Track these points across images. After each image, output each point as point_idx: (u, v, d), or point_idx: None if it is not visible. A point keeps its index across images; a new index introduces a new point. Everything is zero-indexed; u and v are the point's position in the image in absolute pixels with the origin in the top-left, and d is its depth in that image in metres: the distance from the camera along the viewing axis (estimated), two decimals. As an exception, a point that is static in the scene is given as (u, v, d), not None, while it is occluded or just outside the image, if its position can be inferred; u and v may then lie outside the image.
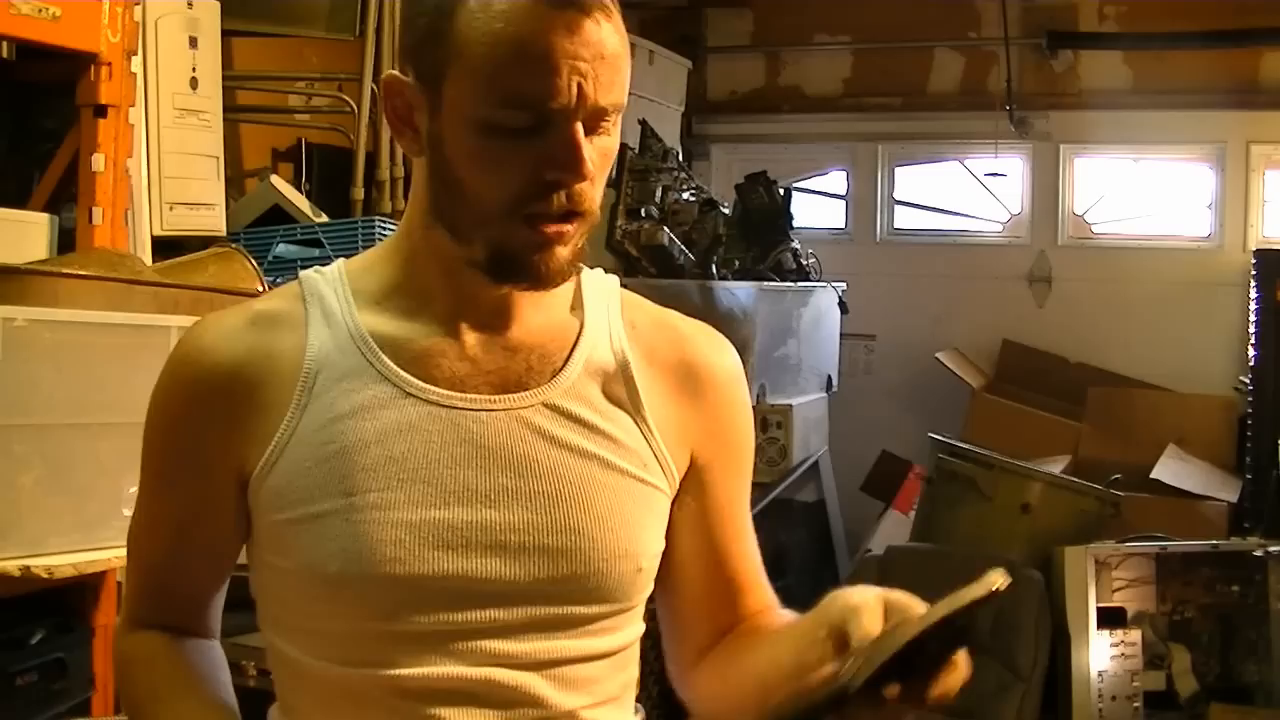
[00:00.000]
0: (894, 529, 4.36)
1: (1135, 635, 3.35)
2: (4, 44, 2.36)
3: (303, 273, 1.14)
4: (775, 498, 4.05)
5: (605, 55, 0.99)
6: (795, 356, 4.33)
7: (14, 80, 2.44)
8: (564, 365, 1.10)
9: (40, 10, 2.17)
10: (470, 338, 1.09)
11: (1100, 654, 3.33)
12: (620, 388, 1.12)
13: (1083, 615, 3.34)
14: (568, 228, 1.03)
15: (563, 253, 1.04)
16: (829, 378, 4.59)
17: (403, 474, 1.04)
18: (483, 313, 1.09)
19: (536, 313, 1.11)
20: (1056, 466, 4.17)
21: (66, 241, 2.36)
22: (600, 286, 1.18)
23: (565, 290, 1.14)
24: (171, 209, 2.69)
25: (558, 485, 1.06)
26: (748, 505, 1.22)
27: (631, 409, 1.12)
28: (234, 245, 2.63)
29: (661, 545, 1.14)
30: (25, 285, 1.97)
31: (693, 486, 1.16)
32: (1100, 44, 5.06)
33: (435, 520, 1.03)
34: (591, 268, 1.19)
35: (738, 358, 1.22)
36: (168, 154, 2.68)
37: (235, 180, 3.47)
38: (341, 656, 1.04)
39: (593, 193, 1.04)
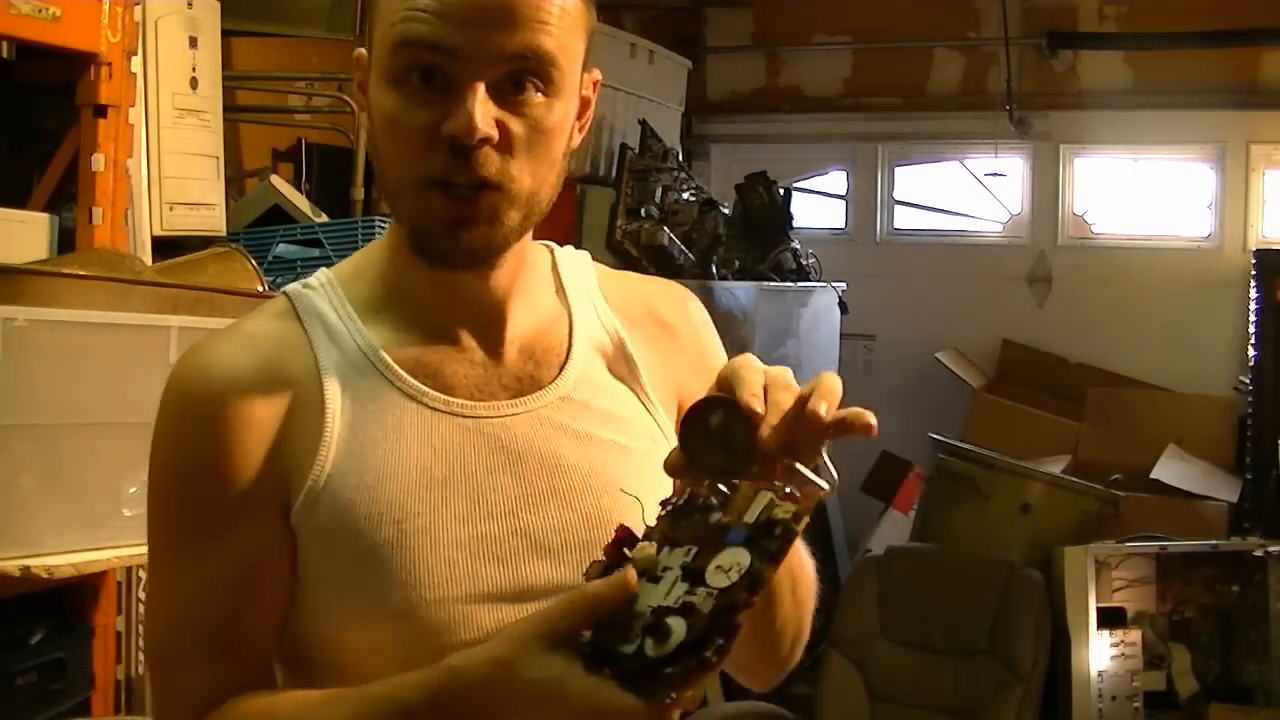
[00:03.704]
0: (894, 529, 4.36)
1: (1135, 635, 3.35)
2: (4, 44, 2.36)
3: (288, 288, 1.09)
4: (775, 498, 4.04)
5: (522, 2, 0.96)
6: (795, 356, 4.33)
7: (14, 80, 2.43)
8: (568, 355, 1.10)
9: (40, 10, 2.17)
10: (472, 342, 1.07)
11: (1100, 654, 3.33)
12: (620, 365, 1.12)
13: (1083, 615, 3.34)
14: (485, 202, 0.99)
15: (486, 230, 1.00)
16: (829, 378, 4.58)
17: (446, 492, 1.02)
18: (476, 314, 1.07)
19: (524, 305, 1.09)
20: (1056, 466, 4.17)
21: (66, 241, 2.36)
22: (575, 265, 1.17)
23: (544, 276, 1.13)
24: (171, 209, 2.68)
25: (586, 479, 1.06)
26: None
27: (632, 383, 1.12)
28: (234, 245, 2.63)
29: None
30: (25, 285, 1.97)
31: None
32: (1100, 44, 5.07)
33: (483, 534, 1.02)
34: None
35: (700, 304, 1.22)
36: (168, 154, 2.68)
37: (235, 180, 3.46)
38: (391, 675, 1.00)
39: (505, 163, 0.99)
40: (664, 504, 0.95)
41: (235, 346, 1.04)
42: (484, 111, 0.96)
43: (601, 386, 1.11)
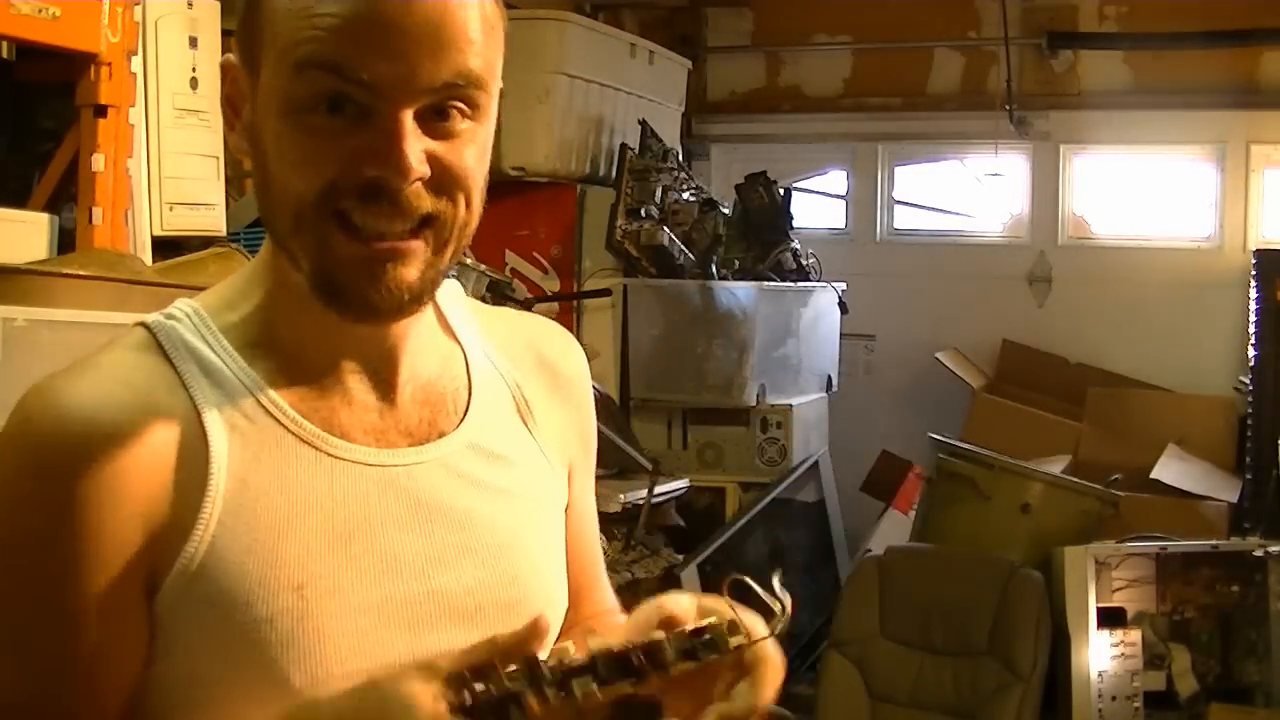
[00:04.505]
0: (894, 529, 4.36)
1: (1135, 635, 3.35)
2: (4, 44, 2.36)
3: (146, 319, 0.94)
4: (775, 498, 4.05)
5: (451, 24, 0.85)
6: (795, 356, 4.33)
7: (14, 80, 2.44)
8: (469, 399, 1.00)
9: (40, 10, 2.17)
10: (365, 385, 0.95)
11: (1100, 654, 3.33)
12: (519, 411, 1.04)
13: (1083, 615, 3.34)
14: (409, 243, 0.87)
15: (406, 274, 0.87)
16: (829, 378, 4.59)
17: (351, 550, 0.90)
18: (369, 354, 0.95)
19: (417, 345, 0.97)
20: (1056, 466, 4.17)
21: (66, 241, 2.36)
22: (454, 298, 1.05)
23: (429, 310, 1.00)
24: (171, 209, 2.68)
25: (496, 534, 0.97)
26: (594, 504, 1.16)
27: (532, 432, 1.04)
28: (234, 245, 2.63)
29: None
30: (25, 285, 1.97)
31: None
32: (1100, 44, 5.06)
33: (392, 597, 0.91)
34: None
35: (582, 350, 1.14)
36: (168, 154, 2.68)
37: (235, 180, 3.46)
38: None
39: (438, 199, 0.87)
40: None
41: (97, 383, 0.88)
42: (416, 148, 0.85)
43: (504, 435, 1.01)
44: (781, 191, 4.36)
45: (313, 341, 0.94)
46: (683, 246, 4.01)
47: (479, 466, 0.98)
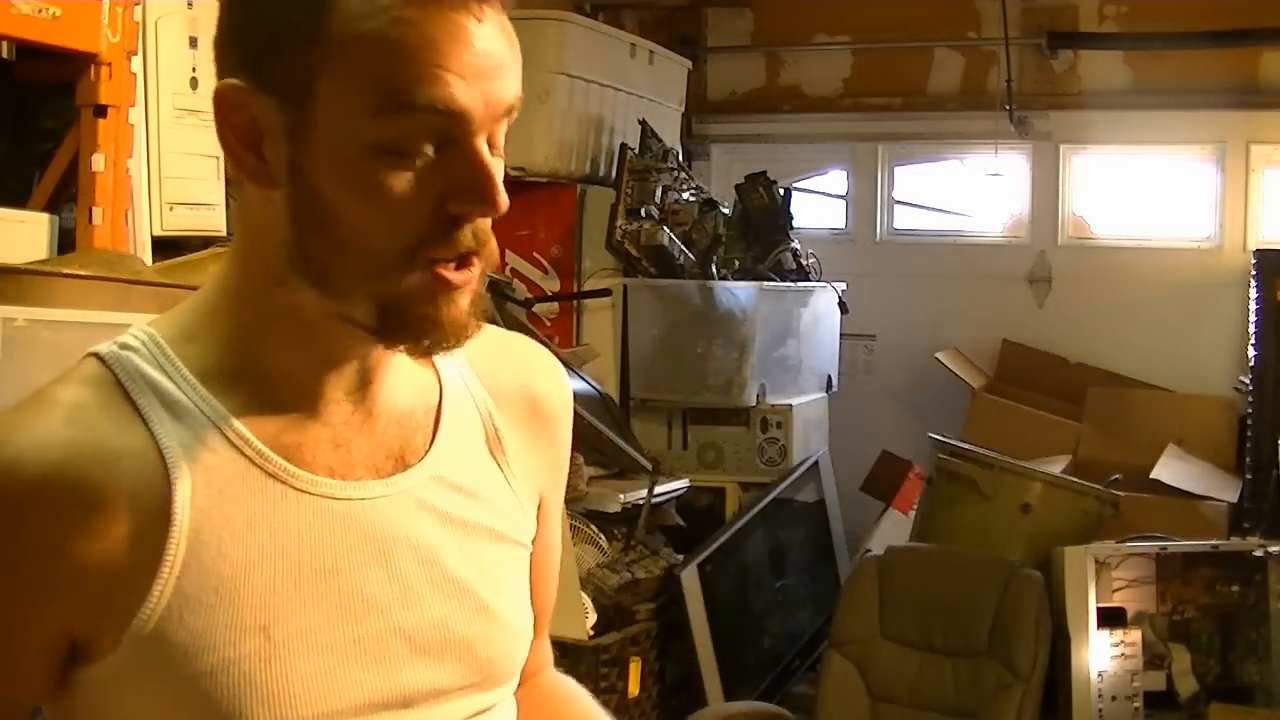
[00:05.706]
0: (894, 529, 4.36)
1: (1135, 635, 3.35)
2: (4, 44, 2.36)
3: (99, 350, 0.90)
4: (775, 498, 4.05)
5: (510, 50, 0.86)
6: (795, 356, 4.34)
7: (14, 80, 2.44)
8: (436, 430, 0.98)
9: (40, 10, 2.17)
10: (338, 415, 0.93)
11: (1100, 654, 3.33)
12: (490, 444, 1.02)
13: (1083, 615, 3.34)
14: (468, 273, 0.88)
15: (464, 302, 0.88)
16: (829, 378, 4.60)
17: (317, 589, 0.89)
18: (347, 383, 0.93)
19: (394, 375, 0.96)
20: (1056, 466, 4.17)
21: (66, 241, 2.36)
22: None
23: None
24: (171, 209, 2.68)
25: (463, 568, 0.96)
26: (559, 539, 1.15)
27: (500, 465, 1.02)
28: (234, 245, 2.63)
29: None
30: (25, 285, 1.97)
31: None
32: (1100, 44, 5.06)
33: (357, 636, 0.90)
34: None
35: (568, 379, 1.13)
36: (168, 154, 2.68)
37: (235, 180, 3.47)
38: None
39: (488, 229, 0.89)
40: None
41: (41, 425, 0.85)
42: (500, 177, 0.87)
43: (471, 467, 0.99)
44: (781, 191, 4.36)
45: (289, 374, 0.91)
46: (683, 246, 4.01)
47: (444, 499, 0.96)
